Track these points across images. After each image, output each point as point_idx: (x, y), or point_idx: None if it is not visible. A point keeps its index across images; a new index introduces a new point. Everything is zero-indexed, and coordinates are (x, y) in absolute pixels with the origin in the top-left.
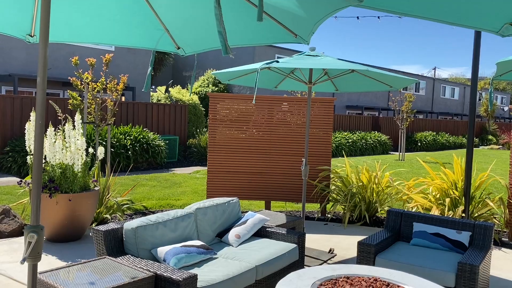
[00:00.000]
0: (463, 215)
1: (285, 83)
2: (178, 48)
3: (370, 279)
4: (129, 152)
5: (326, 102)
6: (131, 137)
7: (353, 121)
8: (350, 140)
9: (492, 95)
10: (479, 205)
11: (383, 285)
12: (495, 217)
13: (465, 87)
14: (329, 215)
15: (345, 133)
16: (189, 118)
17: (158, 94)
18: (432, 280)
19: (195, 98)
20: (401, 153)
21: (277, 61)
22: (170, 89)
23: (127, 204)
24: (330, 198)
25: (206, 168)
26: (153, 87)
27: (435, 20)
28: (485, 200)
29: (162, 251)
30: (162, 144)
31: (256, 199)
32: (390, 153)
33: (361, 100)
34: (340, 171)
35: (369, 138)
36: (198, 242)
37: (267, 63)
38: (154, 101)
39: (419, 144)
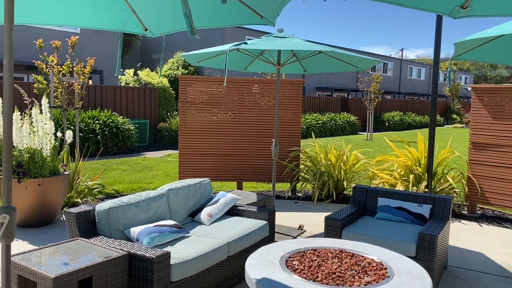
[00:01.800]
0: (426, 190)
1: (255, 65)
2: (146, 29)
3: (336, 250)
4: (98, 137)
5: (295, 84)
6: (100, 121)
7: (323, 102)
8: (320, 122)
9: (451, 74)
10: (441, 181)
11: (348, 256)
12: (455, 192)
13: (431, 67)
14: (299, 194)
15: (315, 115)
16: (159, 102)
17: (127, 77)
18: (395, 251)
19: (165, 81)
20: (369, 133)
21: (246, 43)
22: (138, 72)
23: (98, 188)
24: (300, 178)
25: (178, 151)
26: (121, 70)
27: (390, 3)
28: (446, 175)
29: (135, 231)
30: (132, 128)
31: (228, 180)
32: (359, 133)
33: (330, 81)
34: (310, 151)
35: (338, 119)
36: (170, 222)
37: (235, 45)
38: (123, 84)
39: (387, 124)
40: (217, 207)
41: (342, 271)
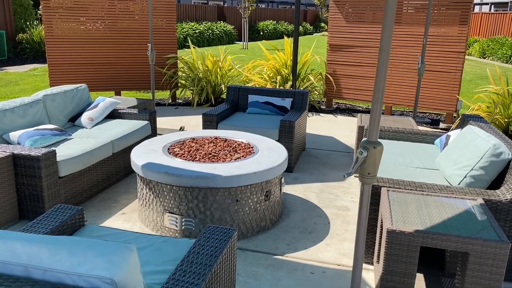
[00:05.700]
0: (291, 89)
1: None
2: None
3: (211, 137)
4: None
5: None
6: None
7: (199, 10)
8: (197, 31)
9: None
10: (304, 80)
11: (222, 141)
12: (316, 89)
13: None
14: (179, 101)
15: (192, 24)
16: (14, 10)
17: None
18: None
19: None
20: (245, 42)
21: None
22: None
23: None
24: (179, 84)
25: (45, 65)
26: None
27: None
28: (308, 75)
29: (14, 135)
30: None
31: (105, 90)
32: (235, 43)
33: None
34: (187, 58)
35: (215, 28)
36: (51, 126)
37: None
38: None
39: (261, 33)
40: (97, 111)
41: (217, 152)
